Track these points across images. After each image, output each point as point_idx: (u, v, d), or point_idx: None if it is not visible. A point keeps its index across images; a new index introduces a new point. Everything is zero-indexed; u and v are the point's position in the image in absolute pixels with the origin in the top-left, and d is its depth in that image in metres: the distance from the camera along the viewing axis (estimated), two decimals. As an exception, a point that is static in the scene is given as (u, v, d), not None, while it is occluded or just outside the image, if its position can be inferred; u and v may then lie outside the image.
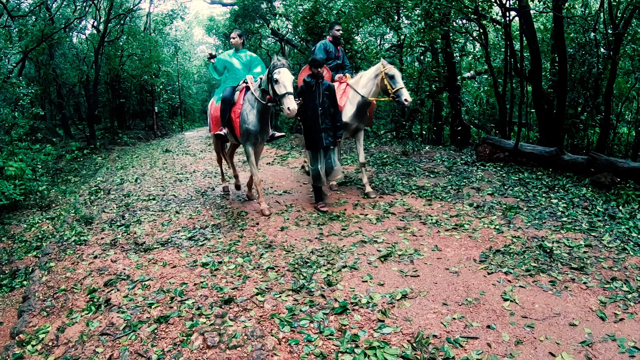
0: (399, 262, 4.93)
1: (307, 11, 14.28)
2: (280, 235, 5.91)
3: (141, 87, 24.60)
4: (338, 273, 4.64)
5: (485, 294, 4.23)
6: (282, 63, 6.38)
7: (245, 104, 6.98)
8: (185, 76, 34.22)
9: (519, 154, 9.76)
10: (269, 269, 4.77)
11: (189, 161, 13.00)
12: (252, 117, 6.87)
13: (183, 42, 33.79)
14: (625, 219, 6.34)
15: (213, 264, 4.91)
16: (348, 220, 6.46)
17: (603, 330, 3.65)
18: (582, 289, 4.34)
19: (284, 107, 6.15)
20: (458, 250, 5.32)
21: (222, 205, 7.52)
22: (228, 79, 7.58)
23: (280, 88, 6.21)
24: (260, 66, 7.69)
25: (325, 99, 6.96)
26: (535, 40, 11.39)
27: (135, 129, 23.69)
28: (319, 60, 7.03)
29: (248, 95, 7.02)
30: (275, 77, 6.26)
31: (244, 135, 6.96)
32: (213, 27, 27.51)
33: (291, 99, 6.14)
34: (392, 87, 7.35)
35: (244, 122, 6.90)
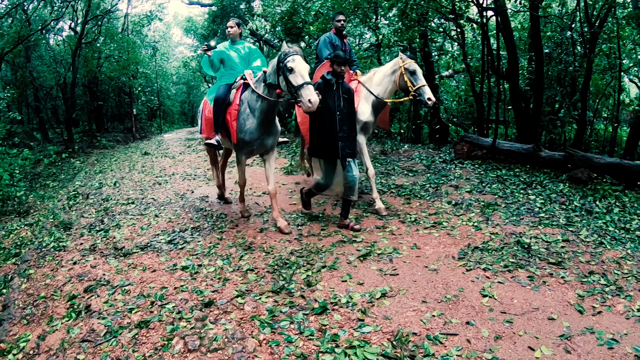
0: (378, 261, 4.98)
1: (285, 12, 14.29)
2: (260, 236, 5.91)
3: (119, 89, 24.42)
4: (317, 273, 4.67)
5: (464, 290, 4.29)
6: (295, 50, 5.55)
7: (243, 105, 6.18)
8: (164, 77, 34.02)
9: (497, 151, 9.88)
10: (248, 271, 4.77)
11: (168, 164, 12.91)
12: (252, 122, 6.07)
13: (161, 43, 33.57)
14: (602, 213, 6.49)
15: (193, 267, 4.89)
16: (327, 221, 6.48)
17: (581, 324, 3.73)
18: (560, 284, 4.43)
19: (303, 100, 5.25)
20: (437, 248, 5.38)
21: (201, 207, 7.49)
22: (224, 75, 6.77)
23: (297, 78, 5.34)
24: (261, 59, 6.92)
25: (344, 102, 6.05)
26: (512, 39, 11.55)
27: (113, 132, 23.43)
28: (343, 57, 6.07)
29: (246, 94, 6.22)
30: (290, 65, 5.37)
31: (238, 144, 6.22)
32: (191, 27, 27.45)
33: (311, 89, 5.27)
34: (413, 84, 6.60)
35: (241, 131, 6.12)
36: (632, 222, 6.13)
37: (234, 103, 6.30)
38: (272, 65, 5.81)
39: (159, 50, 32.00)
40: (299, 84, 5.30)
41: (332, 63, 6.07)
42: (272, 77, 5.79)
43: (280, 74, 5.59)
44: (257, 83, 6.14)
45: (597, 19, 10.85)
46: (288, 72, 5.39)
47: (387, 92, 6.96)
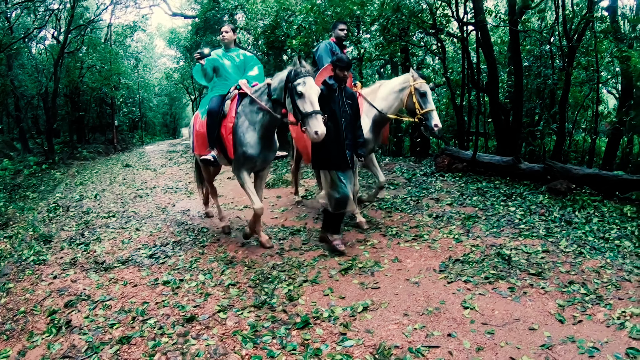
0: (359, 275, 4.99)
1: (268, 25, 14.38)
2: (241, 251, 5.90)
3: (101, 100, 24.27)
4: (299, 288, 4.67)
5: (446, 303, 4.31)
6: (307, 71, 5.08)
7: (240, 117, 5.73)
8: (146, 89, 33.90)
9: (477, 164, 9.98)
10: (230, 286, 4.76)
11: (149, 176, 12.86)
12: (252, 135, 5.62)
13: (144, 54, 33.47)
14: (581, 223, 6.58)
15: (174, 282, 4.87)
16: (309, 235, 6.49)
17: (562, 333, 3.77)
18: (541, 294, 4.48)
19: (309, 129, 4.89)
20: (418, 260, 5.41)
21: (182, 221, 7.47)
22: (217, 85, 6.30)
23: (306, 104, 4.95)
24: (258, 67, 6.43)
25: (348, 108, 5.67)
26: (492, 53, 11.73)
27: (94, 143, 23.26)
28: (347, 60, 5.67)
29: (243, 105, 5.80)
30: (300, 89, 4.96)
31: (238, 160, 5.72)
32: (174, 39, 27.39)
33: (320, 120, 4.89)
34: (421, 106, 6.20)
35: (241, 145, 5.64)
36: (611, 232, 6.22)
37: (229, 115, 5.83)
38: (280, 80, 5.33)
39: (142, 61, 31.91)
40: (308, 112, 4.93)
41: (334, 67, 5.68)
42: (279, 94, 5.36)
43: (287, 95, 5.18)
44: (259, 94, 5.68)
45: (575, 33, 11.07)
46: (297, 96, 5.00)
47: (392, 109, 6.55)
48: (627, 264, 5.16)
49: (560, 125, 11.09)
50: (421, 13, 12.25)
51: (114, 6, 22.33)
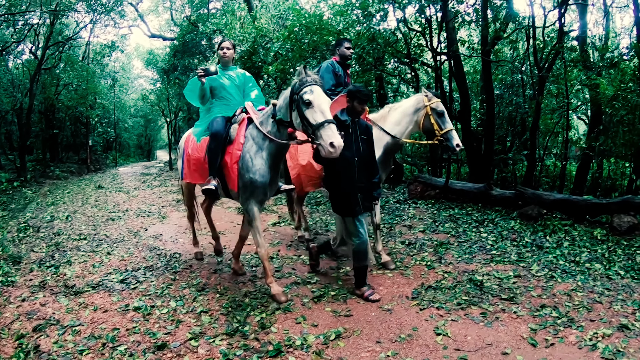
0: (332, 303, 5.00)
1: (245, 51, 14.48)
2: (214, 277, 5.87)
3: (76, 119, 24.06)
4: (272, 315, 4.66)
5: (418, 329, 4.35)
6: (314, 79, 4.55)
7: (248, 142, 5.09)
8: (122, 109, 33.74)
9: (450, 190, 10.11)
10: (202, 313, 4.72)
11: (122, 199, 12.76)
12: (260, 163, 4.98)
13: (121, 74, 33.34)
14: (552, 248, 6.74)
15: (145, 308, 4.81)
16: (282, 261, 6.48)
17: (535, 356, 3.84)
18: (513, 318, 4.56)
19: (322, 143, 4.29)
20: (390, 288, 5.44)
21: (154, 246, 7.40)
22: (216, 106, 5.61)
23: (316, 114, 4.38)
24: (257, 90, 5.86)
25: (363, 145, 5.10)
26: (465, 82, 12.01)
27: (68, 162, 22.99)
28: (368, 92, 5.23)
29: (251, 131, 5.16)
30: (307, 97, 4.41)
31: (246, 190, 5.04)
32: (152, 60, 27.34)
33: (334, 129, 4.33)
34: (440, 127, 5.82)
35: (248, 171, 4.97)
36: (581, 255, 6.39)
37: (236, 142, 5.15)
38: (284, 97, 4.77)
39: (119, 81, 31.78)
40: (319, 122, 4.36)
41: (351, 98, 5.09)
42: (284, 112, 4.76)
43: (293, 109, 4.60)
44: (264, 118, 5.12)
45: (545, 63, 11.38)
46: (304, 106, 4.43)
47: (406, 133, 6.11)
48: (598, 286, 5.31)
49: (531, 152, 11.33)
50: (396, 43, 12.50)
51: (94, 24, 22.31)
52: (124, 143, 36.88)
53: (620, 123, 10.48)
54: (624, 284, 5.42)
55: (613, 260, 6.21)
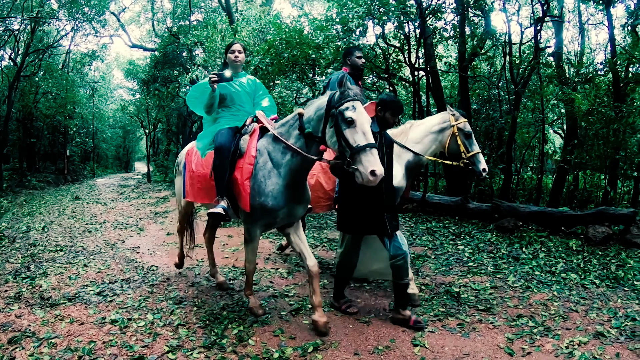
0: (310, 315, 4.98)
1: (226, 65, 14.47)
2: (191, 290, 5.83)
3: (54, 128, 23.93)
4: (250, 328, 4.64)
5: (396, 341, 4.37)
6: (356, 93, 3.99)
7: (262, 157, 4.54)
8: (101, 120, 33.56)
9: (427, 204, 10.23)
10: (180, 326, 4.69)
11: (99, 210, 12.67)
12: (275, 183, 4.43)
13: (101, 84, 33.16)
14: (528, 259, 6.87)
15: (122, 321, 4.76)
16: (259, 275, 6.46)
17: (512, 365, 3.88)
18: (490, 329, 4.62)
19: (361, 170, 3.74)
20: (368, 300, 5.48)
21: (132, 259, 7.32)
22: (223, 116, 5.10)
23: (357, 135, 3.84)
24: (269, 98, 5.40)
25: (388, 160, 4.73)
26: (442, 97, 12.23)
27: (45, 172, 22.75)
28: (400, 102, 4.89)
29: (265, 144, 4.62)
30: (349, 115, 3.86)
31: (254, 213, 4.49)
32: (132, 70, 27.23)
33: (376, 156, 3.79)
34: (467, 149, 5.41)
35: (260, 193, 4.43)
36: (557, 265, 6.53)
37: (247, 155, 4.57)
38: (317, 107, 4.24)
39: (98, 91, 31.64)
40: (360, 145, 3.79)
41: (384, 108, 4.72)
42: (315, 125, 4.22)
43: (330, 124, 4.05)
44: (286, 130, 4.52)
45: (522, 78, 11.60)
46: (345, 124, 3.88)
47: (429, 153, 5.62)
48: (574, 295, 5.44)
49: (507, 165, 11.52)
50: (375, 58, 12.65)
51: (75, 33, 22.19)
52: (102, 154, 36.66)
53: (595, 136, 10.73)
54: (599, 293, 5.56)
55: (588, 270, 6.36)
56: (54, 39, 21.57)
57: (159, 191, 17.87)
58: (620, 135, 9.85)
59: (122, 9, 24.93)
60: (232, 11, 19.31)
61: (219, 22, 16.93)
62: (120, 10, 24.81)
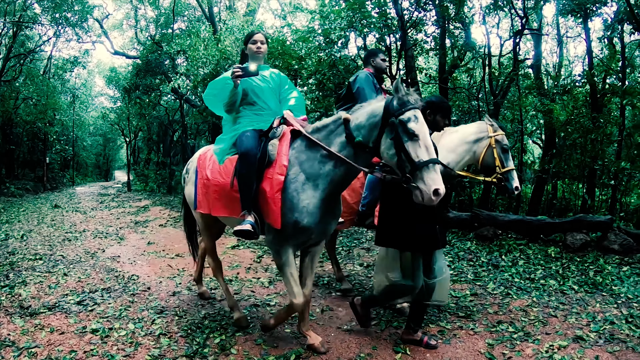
0: (291, 324, 5.02)
1: (208, 73, 14.52)
2: (172, 300, 5.81)
3: (34, 135, 23.69)
4: (231, 337, 4.66)
5: (378, 348, 4.42)
6: (416, 99, 3.54)
7: (294, 166, 3.94)
8: (81, 127, 33.22)
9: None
10: (161, 335, 4.69)
11: (79, 219, 12.58)
12: (310, 196, 3.85)
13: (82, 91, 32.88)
14: (507, 266, 6.97)
15: (103, 331, 4.74)
16: (241, 284, 6.48)
17: (493, 370, 3.94)
18: (470, 335, 4.69)
19: (423, 188, 3.35)
20: (349, 309, 5.48)
21: (112, 268, 7.28)
22: (246, 115, 4.45)
23: (420, 149, 3.40)
24: (297, 96, 4.71)
25: None
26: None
27: (24, 179, 22.51)
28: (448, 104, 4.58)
29: (296, 149, 4.03)
30: (412, 127, 3.40)
31: (287, 230, 3.88)
32: (114, 78, 27.04)
33: (439, 172, 3.41)
34: (503, 164, 5.06)
35: (292, 208, 3.83)
36: (536, 272, 6.63)
37: (277, 163, 3.92)
38: (370, 113, 3.71)
39: (79, 97, 31.35)
40: (423, 160, 3.37)
41: (434, 111, 4.44)
42: (366, 134, 3.70)
43: (387, 135, 3.56)
44: (325, 135, 3.95)
45: (500, 90, 11.77)
46: (406, 136, 3.43)
47: (462, 164, 5.28)
48: (553, 301, 5.54)
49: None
50: (356, 69, 12.75)
51: (57, 38, 22.03)
52: (81, 162, 36.32)
53: (573, 146, 10.90)
54: (578, 298, 5.68)
55: (567, 276, 6.48)
56: (35, 44, 21.44)
57: (139, 200, 17.77)
58: (597, 144, 10.04)
59: (105, 16, 24.76)
60: (215, 21, 19.32)
61: (202, 31, 16.94)
62: (104, 17, 24.65)
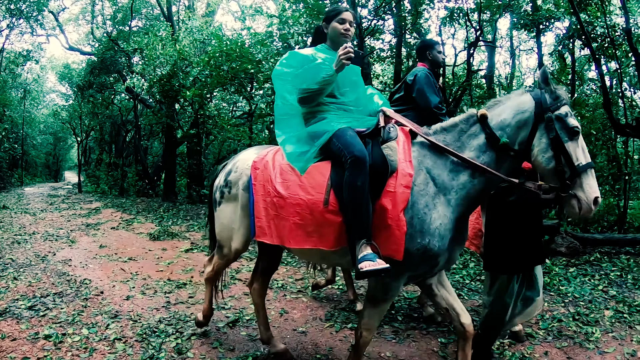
0: (247, 327, 5.08)
1: (165, 74, 14.40)
2: (127, 304, 5.75)
3: (-20, 131, 22.89)
4: (187, 341, 4.66)
5: (333, 349, 4.51)
6: (565, 92, 3.10)
7: (420, 176, 3.13)
8: (31, 125, 32.26)
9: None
10: (116, 340, 4.64)
11: (28, 221, 12.26)
12: (443, 215, 3.07)
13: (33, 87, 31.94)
14: (458, 268, 7.24)
15: (57, 336, 4.66)
16: (195, 288, 6.47)
17: (447, 367, 4.10)
18: (423, 334, 4.85)
19: (582, 197, 2.88)
20: (304, 311, 5.60)
21: (64, 272, 7.12)
22: (330, 110, 3.53)
23: (579, 152, 2.93)
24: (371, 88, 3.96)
25: None
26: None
27: (-31, 179, 21.79)
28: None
29: (417, 155, 3.23)
30: (574, 123, 2.94)
31: (411, 260, 3.03)
32: (67, 74, 26.34)
33: (595, 178, 2.95)
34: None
35: (422, 230, 3.02)
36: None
37: (400, 173, 3.08)
38: (516, 109, 3.09)
39: (31, 93, 30.46)
40: (582, 164, 2.91)
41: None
42: (512, 134, 3.07)
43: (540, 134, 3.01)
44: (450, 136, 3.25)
45: (454, 99, 12.10)
46: (567, 134, 2.95)
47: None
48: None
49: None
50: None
51: (10, 30, 21.35)
52: (31, 161, 35.24)
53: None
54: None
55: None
56: (-13, 37, 20.86)
57: (90, 202, 17.40)
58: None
59: (61, 9, 24.17)
60: (173, 20, 19.13)
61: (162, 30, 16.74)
62: (60, 10, 24.05)
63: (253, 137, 15.36)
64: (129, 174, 22.27)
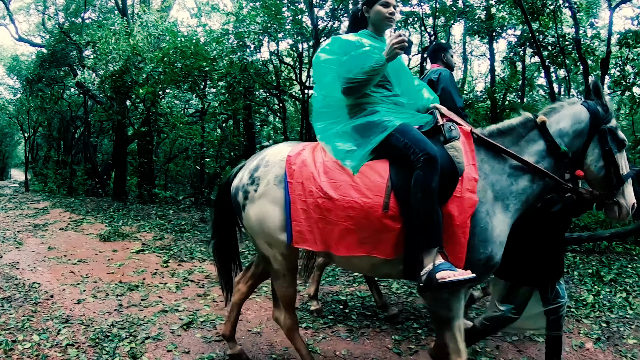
0: (201, 329, 5.07)
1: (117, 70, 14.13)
2: (78, 308, 5.63)
3: None
4: (142, 345, 4.63)
5: (289, 349, 4.51)
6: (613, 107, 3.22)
7: (481, 181, 3.01)
8: (-26, 119, 31.04)
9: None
10: (68, 346, 4.56)
11: (-29, 222, 11.85)
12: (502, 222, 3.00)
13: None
14: None
15: (7, 343, 4.54)
16: (148, 290, 6.40)
17: (402, 363, 4.23)
18: (377, 332, 4.96)
19: (623, 203, 3.06)
20: (259, 312, 5.64)
21: (11, 275, 6.91)
22: (380, 102, 3.26)
23: (623, 161, 3.11)
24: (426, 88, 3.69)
25: None
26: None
27: None
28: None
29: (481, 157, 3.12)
30: (622, 136, 3.14)
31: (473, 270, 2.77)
32: (16, 67, 25.42)
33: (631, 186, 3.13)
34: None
35: (486, 238, 2.93)
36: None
37: (466, 176, 2.94)
38: (574, 118, 3.15)
39: (-24, 86, 29.32)
40: (625, 174, 3.08)
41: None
42: (570, 142, 3.13)
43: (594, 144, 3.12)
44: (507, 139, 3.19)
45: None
46: (617, 146, 3.10)
47: None
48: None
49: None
50: (267, 74, 12.94)
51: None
52: (-29, 158, 33.98)
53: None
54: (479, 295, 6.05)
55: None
56: None
57: (38, 202, 16.88)
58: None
59: (12, -4, 23.31)
60: (128, 14, 18.72)
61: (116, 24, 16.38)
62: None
63: (205, 136, 15.31)
64: (77, 173, 21.69)
